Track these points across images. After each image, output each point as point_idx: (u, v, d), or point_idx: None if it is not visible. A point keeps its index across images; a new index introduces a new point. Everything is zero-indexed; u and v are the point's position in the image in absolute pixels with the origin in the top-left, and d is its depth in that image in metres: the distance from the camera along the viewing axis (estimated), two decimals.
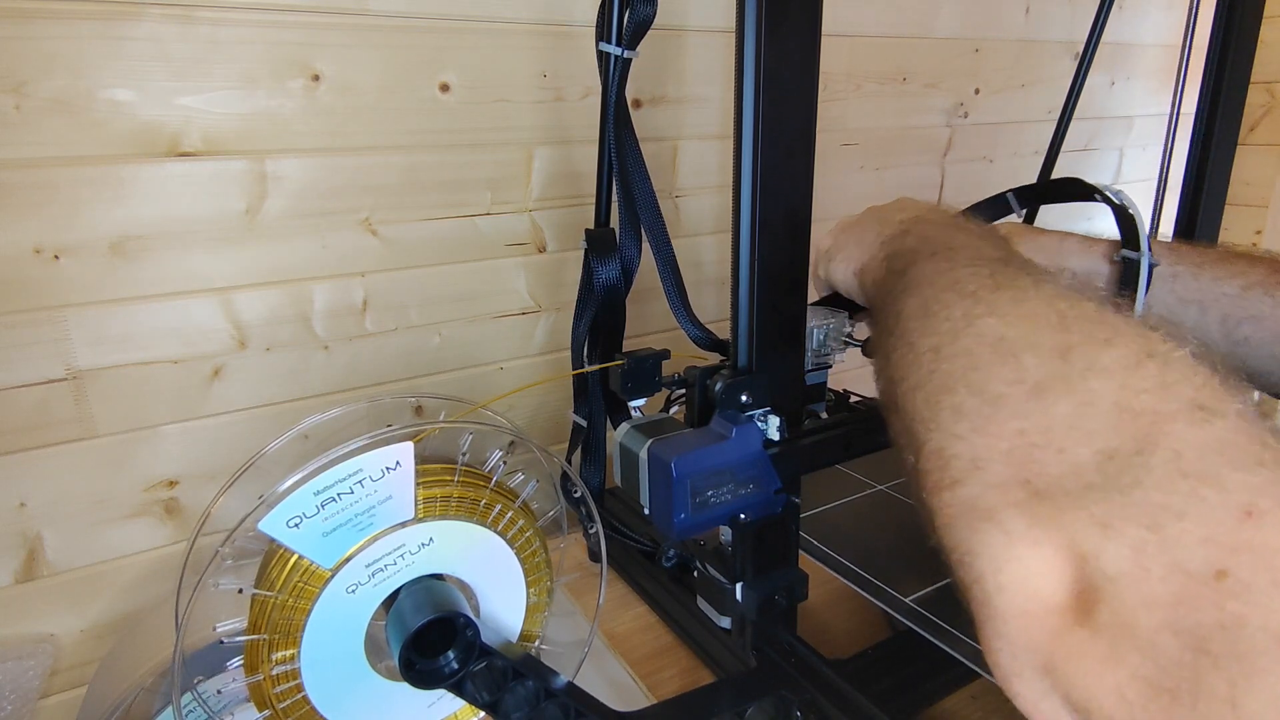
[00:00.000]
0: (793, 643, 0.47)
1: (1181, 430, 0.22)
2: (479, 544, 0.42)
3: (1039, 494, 0.23)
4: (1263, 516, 0.19)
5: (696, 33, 0.73)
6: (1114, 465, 0.22)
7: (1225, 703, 0.17)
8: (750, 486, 0.42)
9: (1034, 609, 0.22)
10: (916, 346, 0.32)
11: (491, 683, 0.39)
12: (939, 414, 0.28)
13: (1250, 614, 0.18)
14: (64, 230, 0.52)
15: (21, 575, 0.55)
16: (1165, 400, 0.23)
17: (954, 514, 0.25)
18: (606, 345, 0.55)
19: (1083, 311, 0.28)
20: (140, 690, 0.48)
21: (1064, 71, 1.02)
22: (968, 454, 0.26)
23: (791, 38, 0.38)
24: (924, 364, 0.30)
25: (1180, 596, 0.19)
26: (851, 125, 0.87)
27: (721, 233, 0.80)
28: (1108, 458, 0.22)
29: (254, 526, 0.35)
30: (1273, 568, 0.18)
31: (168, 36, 0.52)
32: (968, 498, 0.25)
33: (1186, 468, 0.21)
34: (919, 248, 0.40)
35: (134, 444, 0.57)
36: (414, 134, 0.62)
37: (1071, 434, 0.23)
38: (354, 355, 0.64)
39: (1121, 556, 0.20)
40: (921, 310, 0.33)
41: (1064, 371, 0.25)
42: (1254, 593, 0.18)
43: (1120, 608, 0.20)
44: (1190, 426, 0.22)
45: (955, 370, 0.29)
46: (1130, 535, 0.20)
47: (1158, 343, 0.25)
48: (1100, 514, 0.21)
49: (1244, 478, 0.20)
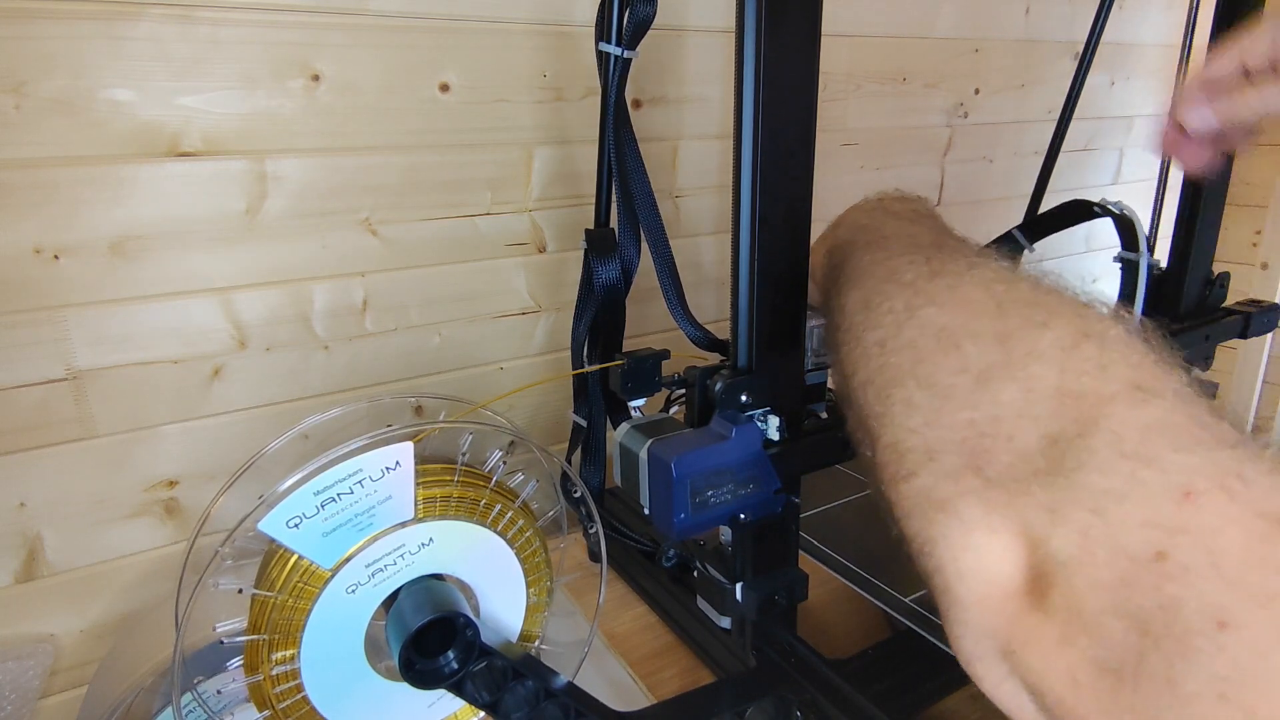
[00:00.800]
0: (793, 643, 0.47)
1: (1121, 411, 0.22)
2: (479, 544, 0.42)
3: (991, 482, 0.23)
4: (1200, 498, 0.19)
5: (696, 33, 0.73)
6: (1058, 450, 0.22)
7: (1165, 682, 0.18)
8: (750, 486, 0.42)
9: (992, 594, 0.22)
10: (863, 340, 0.32)
11: (491, 683, 0.39)
12: (891, 408, 0.28)
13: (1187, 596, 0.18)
14: (64, 230, 0.52)
15: (21, 575, 0.55)
16: (1104, 381, 0.23)
17: (911, 505, 0.26)
18: (606, 345, 0.55)
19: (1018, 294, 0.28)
20: (140, 690, 0.48)
21: (1064, 71, 1.02)
22: (921, 446, 0.26)
23: (791, 38, 0.38)
24: (871, 358, 0.31)
25: (1123, 579, 0.19)
26: (851, 125, 0.87)
27: (721, 233, 0.80)
28: (1052, 442, 0.23)
29: (254, 526, 0.35)
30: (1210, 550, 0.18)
31: (168, 36, 0.52)
32: (923, 488, 0.25)
33: (1127, 449, 0.21)
34: (853, 238, 0.40)
35: (134, 444, 0.57)
36: (414, 134, 0.62)
37: (1018, 421, 0.24)
38: (354, 355, 0.64)
39: (1069, 541, 0.21)
40: (863, 304, 0.33)
41: (1005, 358, 0.25)
42: (1191, 574, 0.18)
43: (1070, 591, 0.20)
44: (1130, 408, 0.22)
45: (903, 363, 0.29)
46: (1076, 519, 0.21)
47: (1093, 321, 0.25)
48: (1048, 499, 0.21)
49: (1182, 459, 0.20)
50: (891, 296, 0.32)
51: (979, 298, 0.29)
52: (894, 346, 0.30)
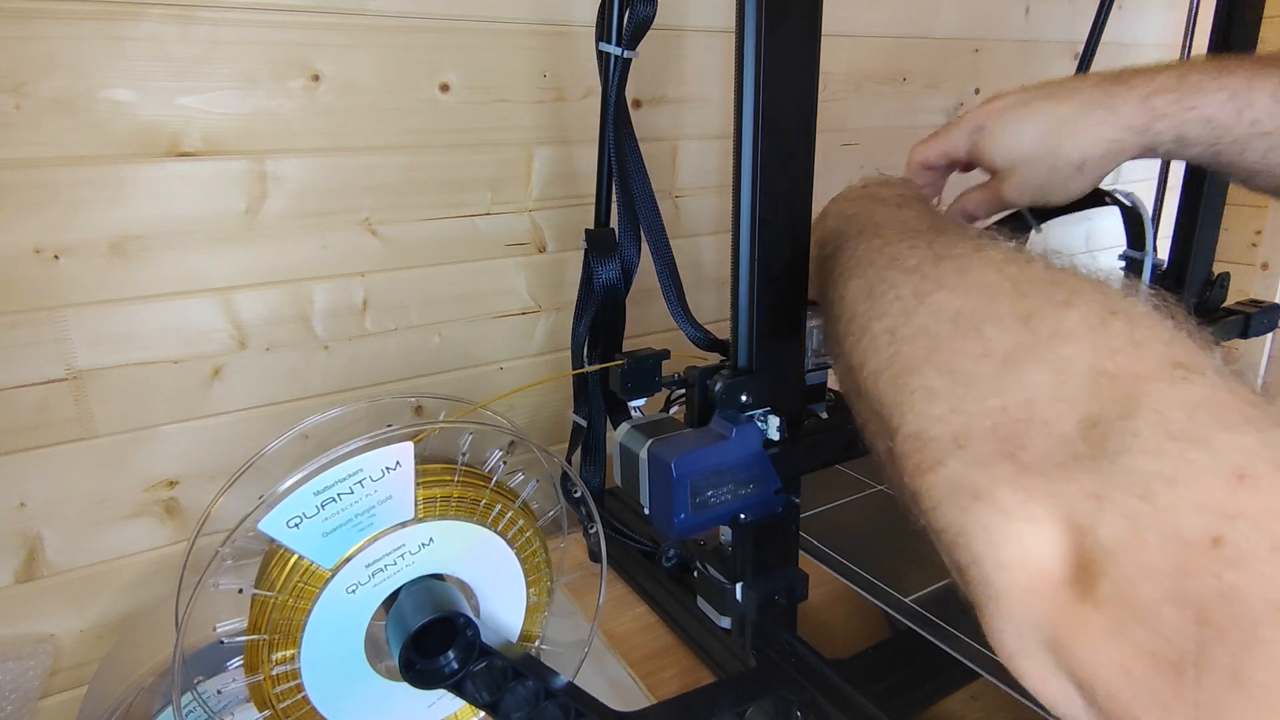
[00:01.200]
0: (793, 643, 0.47)
1: (1163, 390, 0.21)
2: (479, 544, 0.42)
3: (1027, 468, 0.22)
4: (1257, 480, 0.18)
5: (696, 33, 0.73)
6: (1099, 432, 0.21)
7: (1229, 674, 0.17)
8: (750, 486, 0.42)
9: (1036, 585, 0.21)
10: (870, 330, 0.31)
11: (491, 683, 0.39)
12: (909, 397, 0.27)
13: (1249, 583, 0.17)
14: (64, 230, 0.52)
15: (21, 575, 0.55)
16: (1140, 359, 0.22)
17: (941, 495, 0.25)
18: (606, 345, 0.55)
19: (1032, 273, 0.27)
20: (140, 690, 0.48)
21: (1064, 71, 1.02)
22: (947, 435, 0.25)
23: (791, 38, 0.38)
24: (881, 347, 0.30)
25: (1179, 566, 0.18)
26: (851, 125, 0.87)
27: (721, 233, 0.80)
28: (1091, 425, 0.22)
29: (254, 526, 0.35)
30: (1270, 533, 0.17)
31: (168, 36, 0.52)
32: (953, 477, 0.24)
33: (1174, 429, 0.20)
34: (842, 228, 0.39)
35: (134, 444, 0.57)
36: (414, 134, 0.62)
37: (1053, 404, 0.23)
38: (354, 355, 0.64)
39: (1117, 527, 0.20)
40: (866, 292, 0.32)
41: (1030, 340, 0.25)
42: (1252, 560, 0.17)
43: (1120, 580, 0.19)
44: (1171, 386, 0.21)
45: (917, 351, 0.28)
46: (1124, 505, 0.20)
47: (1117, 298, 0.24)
48: (1092, 485, 0.21)
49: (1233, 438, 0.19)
50: (897, 284, 0.31)
51: (993, 279, 0.28)
52: (906, 334, 0.29)
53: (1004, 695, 0.45)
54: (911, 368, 0.28)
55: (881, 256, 0.33)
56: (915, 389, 0.27)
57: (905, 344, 0.29)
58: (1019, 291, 0.26)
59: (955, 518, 0.24)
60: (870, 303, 0.32)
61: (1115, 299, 0.24)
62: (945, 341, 0.27)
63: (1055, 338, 0.24)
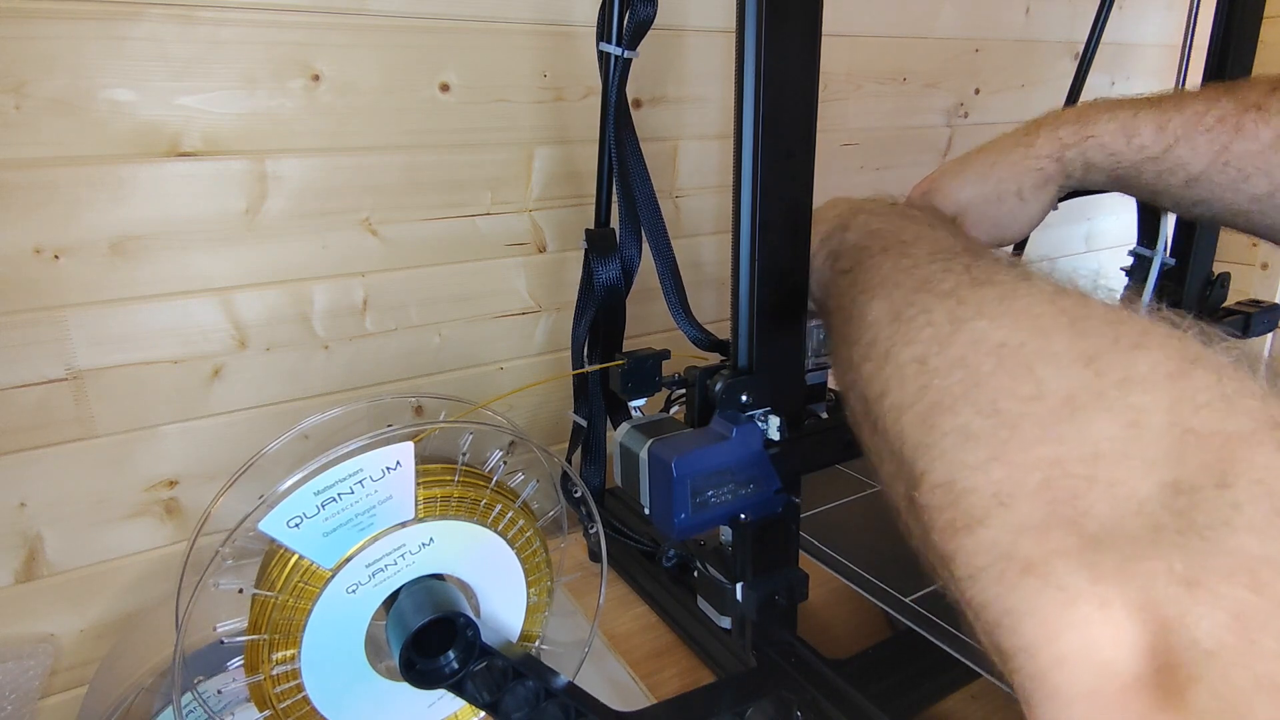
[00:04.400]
0: (793, 643, 0.47)
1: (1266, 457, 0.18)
2: (479, 544, 0.42)
3: (1095, 540, 0.19)
4: None
5: (696, 33, 0.73)
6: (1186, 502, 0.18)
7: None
8: (750, 486, 0.42)
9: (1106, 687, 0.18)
10: (895, 357, 0.28)
11: (492, 683, 0.39)
12: (941, 439, 0.24)
13: None
14: (64, 230, 0.52)
15: (21, 575, 0.55)
16: (1232, 417, 0.19)
17: (981, 564, 0.21)
18: (606, 345, 0.55)
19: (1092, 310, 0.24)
20: (140, 690, 0.48)
21: (1064, 71, 1.02)
22: (987, 488, 0.22)
23: (791, 38, 0.38)
24: (908, 378, 0.27)
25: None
26: (851, 125, 0.87)
27: (721, 233, 0.80)
28: (1175, 492, 0.18)
29: (254, 526, 0.35)
30: None
31: (168, 36, 0.52)
32: (997, 544, 0.21)
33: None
34: (865, 243, 0.37)
35: (134, 444, 0.57)
36: (414, 134, 0.62)
37: (1124, 462, 0.19)
38: (354, 355, 0.64)
39: (1218, 624, 0.16)
40: (892, 316, 0.29)
41: (1094, 384, 0.21)
42: None
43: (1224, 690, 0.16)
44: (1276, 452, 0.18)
45: (952, 386, 0.25)
46: (1227, 596, 0.16)
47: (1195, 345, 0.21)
48: (1182, 567, 0.17)
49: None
50: (929, 308, 0.28)
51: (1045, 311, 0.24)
52: (938, 365, 0.26)
53: (1004, 695, 0.45)
54: (944, 405, 0.25)
55: (911, 278, 0.30)
56: (949, 430, 0.24)
57: (937, 376, 0.25)
58: (1077, 329, 0.23)
59: (999, 593, 0.20)
60: (896, 326, 0.29)
61: (1193, 345, 0.21)
62: (987, 378, 0.24)
63: (1126, 384, 0.21)
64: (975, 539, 0.21)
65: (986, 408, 0.23)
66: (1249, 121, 0.41)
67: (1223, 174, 0.42)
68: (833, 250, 0.40)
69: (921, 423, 0.25)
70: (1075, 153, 0.46)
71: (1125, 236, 0.60)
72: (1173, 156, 0.43)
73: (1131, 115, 0.45)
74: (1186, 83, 0.97)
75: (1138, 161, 0.45)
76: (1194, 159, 0.43)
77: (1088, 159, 0.46)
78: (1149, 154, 0.44)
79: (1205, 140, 0.42)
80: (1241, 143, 0.41)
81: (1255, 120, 0.41)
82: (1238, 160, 0.41)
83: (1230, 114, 0.41)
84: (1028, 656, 0.19)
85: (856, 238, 0.38)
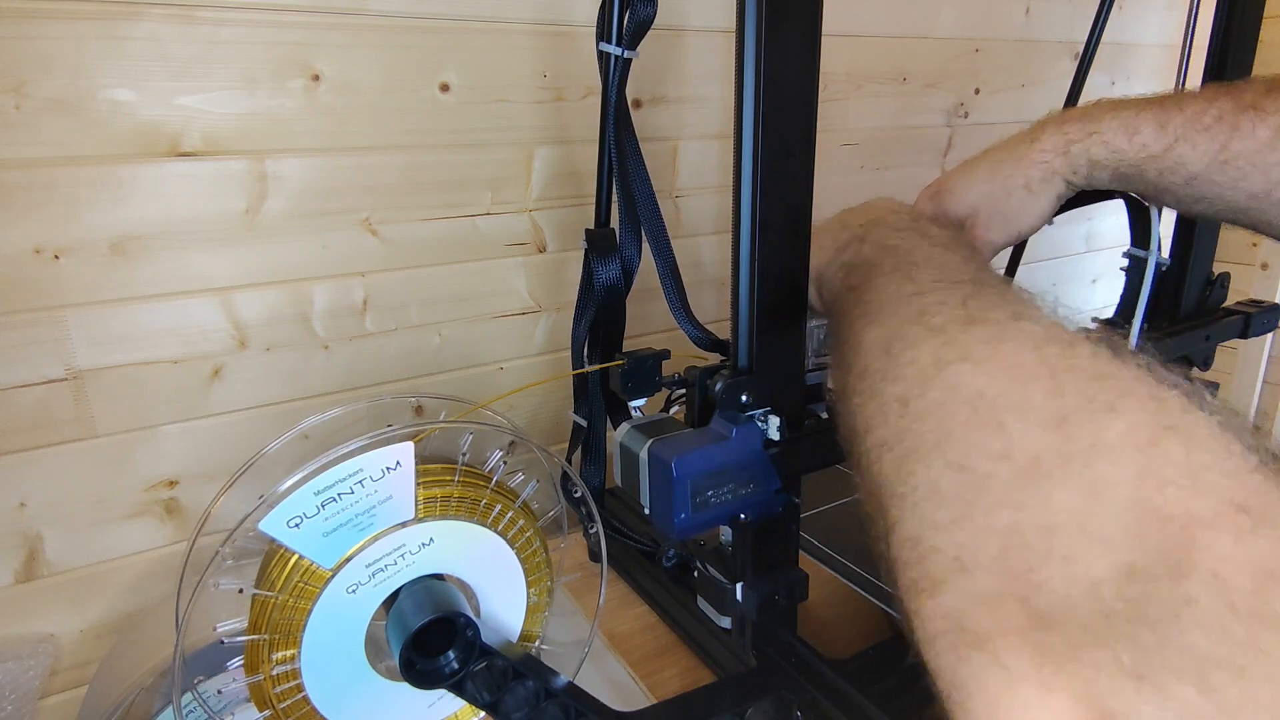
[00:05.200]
0: (793, 643, 0.47)
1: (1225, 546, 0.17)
2: (479, 544, 0.42)
3: (1043, 620, 0.18)
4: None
5: (696, 33, 0.73)
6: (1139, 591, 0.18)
7: None
8: (750, 486, 0.42)
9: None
10: (881, 394, 0.27)
11: (492, 683, 0.39)
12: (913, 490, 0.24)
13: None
14: (64, 230, 0.52)
15: (21, 575, 0.55)
16: (1196, 496, 0.18)
17: (936, 630, 0.21)
18: (606, 345, 0.55)
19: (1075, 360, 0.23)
20: (140, 690, 0.48)
21: (1064, 71, 1.02)
22: (950, 550, 0.22)
23: (791, 38, 0.38)
24: (890, 417, 0.26)
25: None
26: (851, 125, 0.87)
27: (721, 233, 0.80)
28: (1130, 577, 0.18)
29: (254, 526, 0.35)
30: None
31: (168, 36, 0.52)
32: (953, 612, 0.20)
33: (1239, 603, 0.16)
34: (877, 259, 0.37)
35: (134, 444, 0.57)
36: (414, 134, 0.62)
37: (1080, 539, 0.19)
38: (354, 355, 0.64)
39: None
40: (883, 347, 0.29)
41: (1062, 447, 0.21)
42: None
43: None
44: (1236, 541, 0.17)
45: (927, 432, 0.24)
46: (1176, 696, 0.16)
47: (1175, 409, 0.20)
48: (1130, 661, 0.17)
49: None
50: (918, 344, 0.27)
51: (1027, 361, 0.24)
52: (917, 409, 0.25)
53: None
54: (918, 453, 0.24)
55: (908, 307, 0.30)
56: (920, 481, 0.24)
57: (915, 420, 0.25)
58: (1056, 383, 0.23)
59: (950, 663, 0.20)
60: (886, 360, 0.28)
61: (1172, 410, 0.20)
62: (959, 428, 0.24)
63: (1093, 451, 0.20)
64: (935, 603, 0.21)
65: (955, 461, 0.23)
66: (1246, 121, 0.41)
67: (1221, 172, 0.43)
68: (846, 262, 0.40)
69: (898, 469, 0.25)
70: (1080, 149, 0.47)
71: (1125, 236, 0.60)
72: (1173, 155, 0.44)
73: (1134, 114, 0.45)
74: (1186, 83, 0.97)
75: (1140, 159, 0.45)
76: (1194, 157, 0.43)
77: (1092, 156, 0.47)
78: (1150, 152, 0.45)
79: (1204, 139, 0.43)
80: (1239, 141, 0.42)
81: (1252, 120, 0.41)
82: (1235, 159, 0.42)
83: (1228, 113, 0.42)
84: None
85: (870, 252, 0.38)
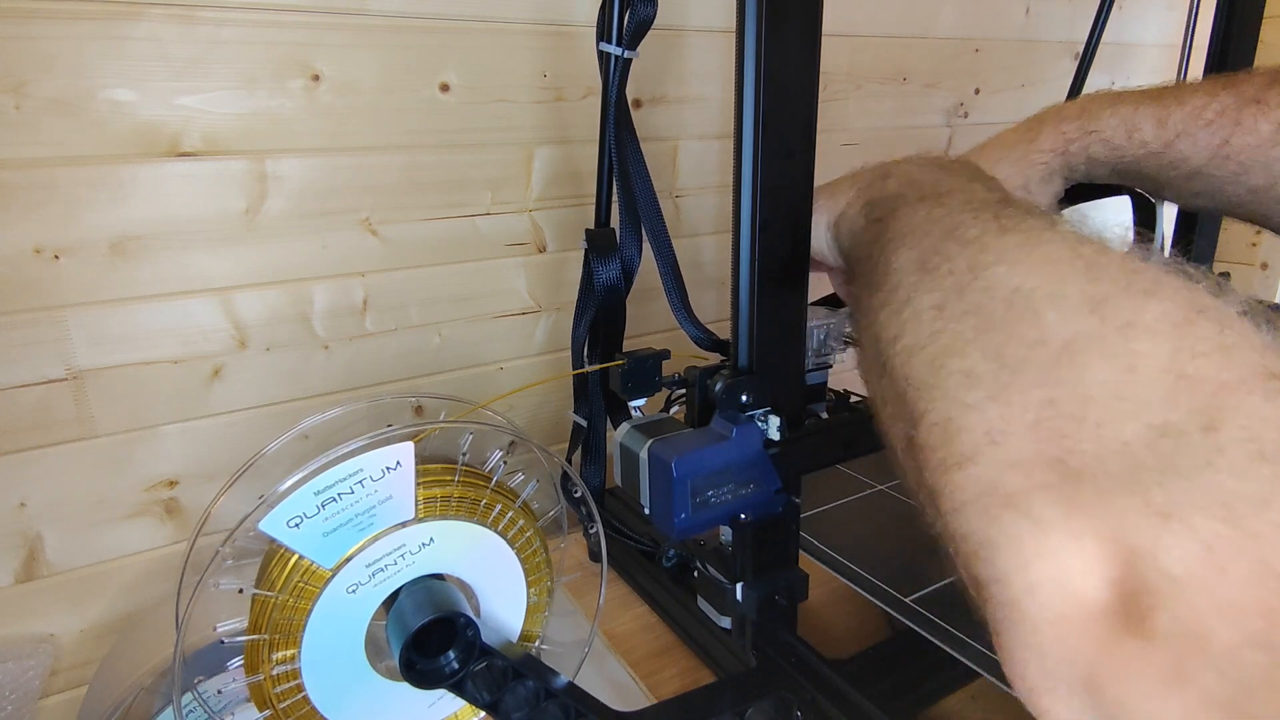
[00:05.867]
0: (793, 643, 0.47)
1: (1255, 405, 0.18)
2: (479, 544, 0.42)
3: (1075, 475, 0.19)
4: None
5: (696, 33, 0.73)
6: (1170, 444, 0.18)
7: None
8: (750, 486, 0.42)
9: (1074, 614, 0.18)
10: (915, 303, 0.28)
11: (492, 683, 0.39)
12: (945, 380, 0.24)
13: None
14: (64, 230, 0.52)
15: (21, 575, 0.55)
16: (1228, 366, 0.19)
17: (966, 498, 0.22)
18: (606, 345, 0.55)
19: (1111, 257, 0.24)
20: (140, 690, 0.48)
21: (1064, 71, 1.02)
22: (980, 426, 0.22)
23: (791, 38, 0.38)
24: (924, 322, 0.27)
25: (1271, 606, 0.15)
26: (851, 125, 0.87)
27: (721, 233, 0.80)
28: (1161, 434, 0.19)
29: (254, 526, 0.35)
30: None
31: (168, 36, 0.52)
32: (983, 478, 0.21)
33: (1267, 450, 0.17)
34: (903, 192, 0.37)
35: (134, 444, 0.57)
36: (414, 134, 0.62)
37: (1115, 404, 0.20)
38: (354, 355, 0.64)
39: (1189, 554, 0.17)
40: (918, 264, 0.29)
41: (1097, 329, 0.21)
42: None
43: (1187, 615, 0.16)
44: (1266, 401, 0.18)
45: (964, 330, 0.25)
46: (1200, 528, 0.17)
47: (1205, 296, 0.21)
48: (1160, 501, 0.17)
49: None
50: (954, 256, 0.27)
51: (1063, 257, 0.24)
52: (954, 312, 0.26)
53: (1004, 695, 0.45)
54: (954, 349, 0.25)
55: (939, 226, 0.30)
56: (954, 371, 0.24)
57: (952, 321, 0.26)
58: (1091, 274, 0.23)
59: (979, 526, 0.21)
60: (920, 275, 0.29)
61: (1203, 296, 0.21)
62: (998, 322, 0.24)
63: (1129, 329, 0.21)
64: (964, 474, 0.22)
65: (992, 351, 0.23)
66: (1248, 116, 0.41)
67: (1223, 168, 0.43)
68: (871, 198, 0.39)
69: (930, 365, 0.26)
70: (1078, 147, 0.47)
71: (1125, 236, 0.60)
72: (1174, 151, 0.44)
73: (1133, 110, 0.45)
74: None
75: (1139, 156, 0.45)
76: (1195, 153, 0.43)
77: (1090, 154, 0.47)
78: (1150, 149, 0.45)
79: (1205, 135, 0.43)
80: (1241, 137, 0.42)
81: (1255, 114, 0.41)
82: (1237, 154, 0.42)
83: (1230, 108, 0.42)
84: (1000, 585, 0.20)
85: (896, 186, 0.38)
